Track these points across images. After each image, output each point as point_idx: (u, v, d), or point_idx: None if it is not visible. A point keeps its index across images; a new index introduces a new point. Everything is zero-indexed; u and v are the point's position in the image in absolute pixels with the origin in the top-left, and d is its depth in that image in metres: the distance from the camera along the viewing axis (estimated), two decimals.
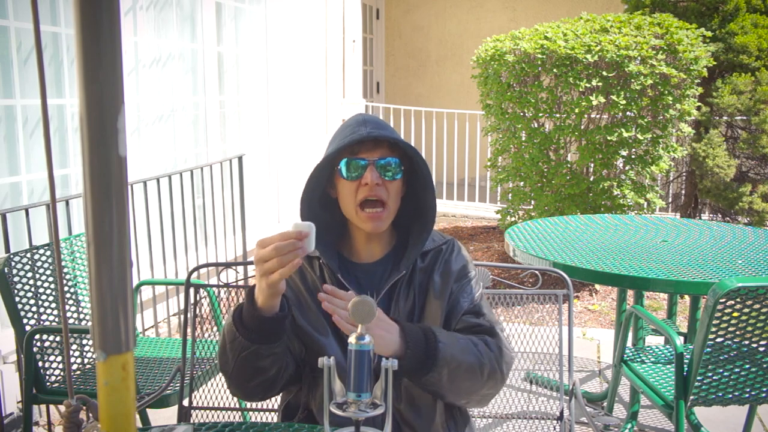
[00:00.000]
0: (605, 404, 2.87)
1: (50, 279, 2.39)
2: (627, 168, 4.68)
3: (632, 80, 4.27)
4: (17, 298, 2.25)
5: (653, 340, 3.32)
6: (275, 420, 1.61)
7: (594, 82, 4.28)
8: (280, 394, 1.54)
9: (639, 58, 4.26)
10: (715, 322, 1.96)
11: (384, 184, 1.36)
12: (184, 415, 1.92)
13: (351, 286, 1.38)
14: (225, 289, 2.04)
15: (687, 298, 3.98)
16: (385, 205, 1.37)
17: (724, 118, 4.91)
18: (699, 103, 4.73)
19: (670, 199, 5.73)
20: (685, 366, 2.09)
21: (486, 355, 1.34)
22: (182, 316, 3.56)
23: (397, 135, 1.38)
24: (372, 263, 1.45)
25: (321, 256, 1.41)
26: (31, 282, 2.32)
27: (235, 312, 1.28)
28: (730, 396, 2.09)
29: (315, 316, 1.41)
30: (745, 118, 4.83)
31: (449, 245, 1.48)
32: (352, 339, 1.09)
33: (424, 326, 1.32)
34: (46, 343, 2.34)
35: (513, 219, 5.06)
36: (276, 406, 1.60)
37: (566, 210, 4.60)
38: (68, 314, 2.50)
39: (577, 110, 4.39)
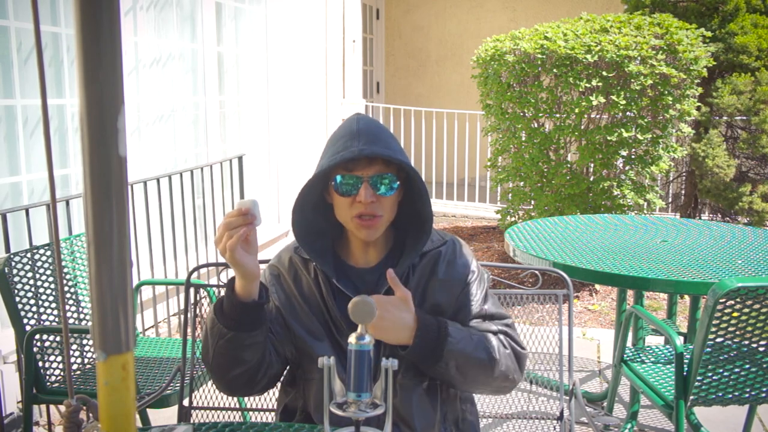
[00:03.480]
0: (605, 404, 2.87)
1: (50, 279, 2.39)
2: (627, 168, 4.68)
3: (632, 80, 4.27)
4: (17, 298, 2.25)
5: (653, 340, 3.32)
6: (275, 420, 1.61)
7: (594, 82, 4.28)
8: (278, 397, 1.54)
9: (639, 58, 4.26)
10: (715, 322, 1.96)
11: (378, 200, 1.34)
12: (184, 415, 1.92)
13: (348, 291, 1.38)
14: (225, 289, 2.04)
15: (687, 298, 3.98)
16: (380, 216, 1.36)
17: (724, 118, 4.91)
18: (699, 103, 4.73)
19: (670, 199, 5.73)
20: (685, 366, 2.09)
21: (499, 352, 1.39)
22: (182, 316, 3.57)
23: (391, 147, 1.34)
24: (369, 268, 1.44)
25: (315, 261, 1.40)
26: (31, 282, 2.32)
27: (217, 302, 1.32)
28: (730, 396, 2.09)
29: (309, 320, 1.41)
30: (744, 118, 4.83)
31: (449, 246, 1.46)
32: (352, 339, 1.09)
33: (440, 320, 1.36)
34: (46, 343, 2.34)
35: (513, 219, 5.06)
36: (275, 406, 1.60)
37: (566, 210, 4.60)
38: (68, 314, 2.50)
39: (577, 110, 4.39)
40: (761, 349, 2.04)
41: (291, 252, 1.47)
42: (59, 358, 2.34)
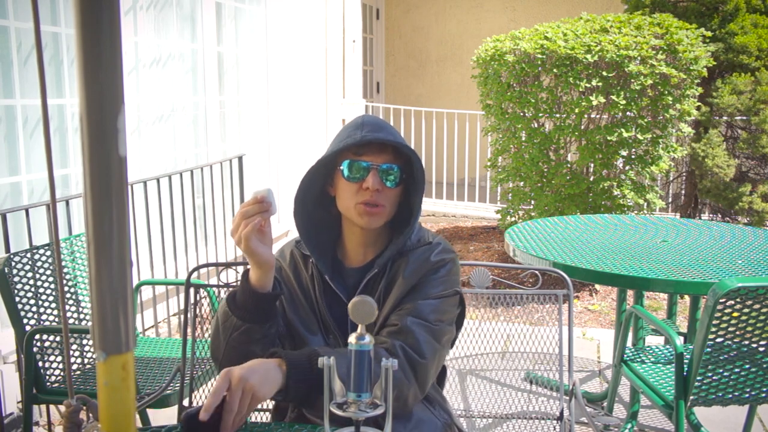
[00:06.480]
0: (605, 404, 2.87)
1: (50, 279, 2.39)
2: (627, 168, 4.68)
3: (632, 80, 4.27)
4: (17, 298, 2.25)
5: (653, 340, 3.32)
6: (270, 418, 1.61)
7: (594, 82, 4.28)
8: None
9: (639, 58, 4.26)
10: (715, 322, 1.96)
11: (384, 191, 1.35)
12: None
13: (339, 290, 1.39)
14: (225, 289, 2.04)
15: (687, 298, 3.98)
16: (383, 206, 1.36)
17: (724, 118, 4.91)
18: (699, 103, 4.73)
19: (670, 199, 5.73)
20: (685, 366, 2.09)
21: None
22: (182, 316, 3.56)
23: (397, 136, 1.36)
24: (362, 266, 1.44)
25: (312, 256, 1.41)
26: (31, 282, 2.32)
27: (230, 294, 1.32)
28: (730, 396, 2.09)
29: (306, 313, 1.42)
30: (744, 118, 4.83)
31: (432, 247, 1.42)
32: (352, 339, 1.09)
33: (310, 350, 1.25)
34: (46, 343, 2.33)
35: (513, 219, 5.06)
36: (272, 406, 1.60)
37: (566, 210, 4.60)
38: (68, 314, 2.50)
39: (577, 110, 4.39)
40: (761, 349, 2.04)
41: (292, 246, 1.50)
42: (59, 358, 2.34)
